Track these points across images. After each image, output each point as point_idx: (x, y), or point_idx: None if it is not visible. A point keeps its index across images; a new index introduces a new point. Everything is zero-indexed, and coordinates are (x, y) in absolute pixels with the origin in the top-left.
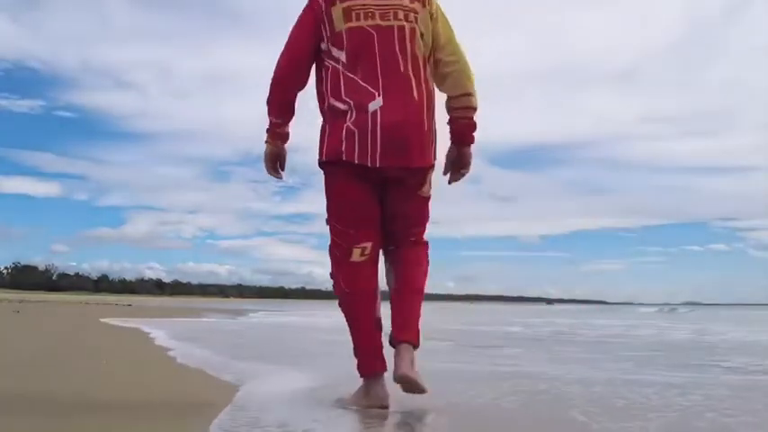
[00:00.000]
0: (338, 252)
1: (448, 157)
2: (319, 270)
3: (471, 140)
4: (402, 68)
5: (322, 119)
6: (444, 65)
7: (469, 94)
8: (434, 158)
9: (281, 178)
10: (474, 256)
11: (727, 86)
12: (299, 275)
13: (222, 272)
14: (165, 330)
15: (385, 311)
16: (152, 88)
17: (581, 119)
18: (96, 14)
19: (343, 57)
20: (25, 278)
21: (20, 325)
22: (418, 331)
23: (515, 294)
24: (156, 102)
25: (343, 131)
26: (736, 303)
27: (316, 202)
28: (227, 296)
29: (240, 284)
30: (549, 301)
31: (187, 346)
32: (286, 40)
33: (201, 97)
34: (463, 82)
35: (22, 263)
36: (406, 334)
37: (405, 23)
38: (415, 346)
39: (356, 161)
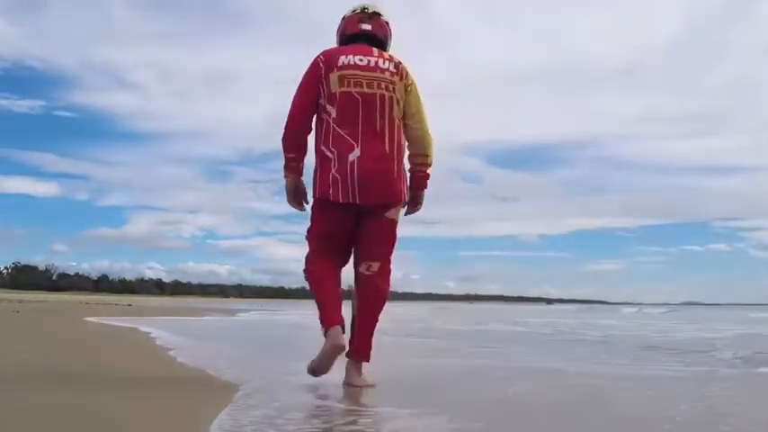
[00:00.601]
0: (311, 259)
1: (410, 193)
2: None
3: (424, 186)
4: (378, 128)
5: (315, 157)
6: (410, 129)
7: (426, 155)
8: (403, 198)
9: (303, 209)
10: (474, 256)
11: (727, 86)
12: (299, 275)
13: (222, 272)
14: (164, 330)
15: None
16: (152, 88)
17: (581, 119)
18: (96, 14)
19: (334, 113)
20: (25, 278)
21: (19, 325)
22: (367, 351)
23: (515, 294)
24: (156, 102)
25: (330, 177)
26: (736, 303)
27: None
28: (227, 296)
29: (240, 284)
30: (549, 301)
31: (187, 345)
32: (295, 92)
33: (201, 97)
34: (422, 145)
35: (22, 263)
36: (357, 356)
37: (385, 93)
38: (365, 359)
39: (340, 201)
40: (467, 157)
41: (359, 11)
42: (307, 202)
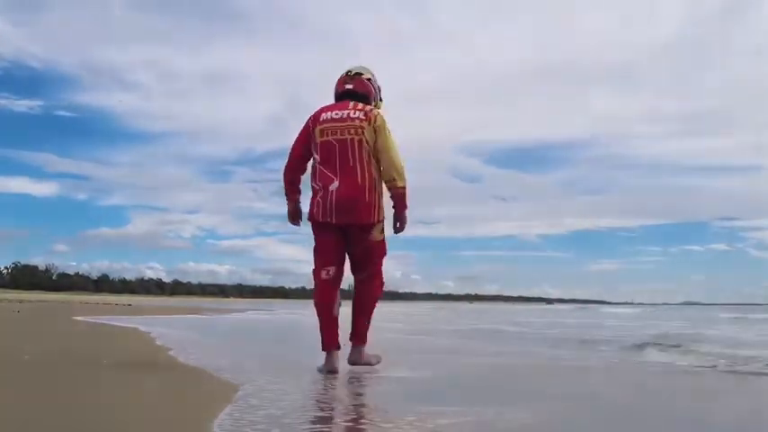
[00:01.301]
0: (315, 272)
1: (393, 216)
2: None
3: (402, 206)
4: (351, 164)
5: (311, 190)
6: (382, 161)
7: (393, 179)
8: (375, 219)
9: (298, 226)
10: (474, 255)
11: (727, 86)
12: (299, 275)
13: (222, 271)
14: (165, 330)
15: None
16: (152, 88)
17: (581, 118)
18: (96, 14)
19: (318, 156)
20: (25, 278)
21: (20, 325)
22: (363, 337)
23: (515, 294)
24: (156, 102)
25: (315, 203)
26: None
27: None
28: (227, 296)
29: (240, 284)
30: (549, 301)
31: (187, 345)
32: (293, 141)
33: (201, 97)
34: (389, 173)
35: (22, 263)
36: (357, 341)
37: (354, 137)
38: (362, 344)
39: (320, 220)
40: (467, 157)
41: (345, 74)
42: (301, 220)
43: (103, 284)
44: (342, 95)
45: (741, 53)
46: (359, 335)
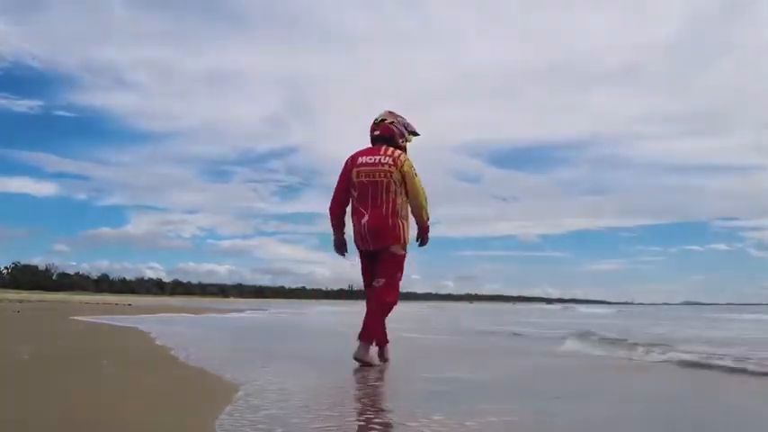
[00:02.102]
0: (364, 286)
1: (417, 235)
2: (320, 269)
3: (426, 232)
4: (380, 201)
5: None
6: (411, 205)
7: (421, 218)
8: (397, 241)
9: (343, 256)
10: (474, 255)
11: (727, 86)
12: (299, 275)
13: (222, 271)
14: (165, 330)
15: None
16: (152, 88)
17: (581, 118)
18: (96, 14)
19: (355, 194)
20: (25, 278)
21: (20, 325)
22: (371, 339)
23: (515, 294)
24: (156, 102)
25: (355, 234)
26: (736, 303)
27: (316, 202)
28: (227, 296)
29: (240, 284)
30: (549, 301)
31: (187, 345)
32: (336, 182)
33: (201, 97)
34: (418, 214)
35: (22, 262)
36: (363, 339)
37: (383, 179)
38: (369, 343)
39: (361, 248)
40: (467, 157)
41: (373, 122)
42: (346, 250)
43: (103, 284)
44: (374, 140)
45: (741, 53)
46: (367, 335)
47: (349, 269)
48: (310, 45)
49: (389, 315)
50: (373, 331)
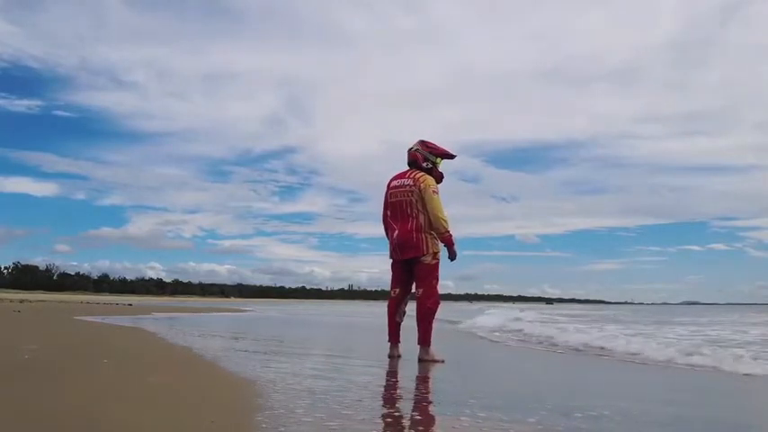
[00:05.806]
0: (391, 292)
1: (446, 249)
2: (319, 269)
3: (450, 244)
4: (405, 217)
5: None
6: (430, 218)
7: (439, 231)
8: (422, 252)
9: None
10: (474, 255)
11: (727, 86)
12: (299, 275)
13: (222, 271)
14: (165, 329)
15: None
16: (151, 88)
17: (581, 118)
18: (95, 14)
19: (389, 212)
20: (26, 278)
21: (20, 325)
22: (424, 339)
23: (515, 294)
24: (155, 102)
25: (389, 246)
26: (736, 303)
27: (315, 202)
28: (227, 296)
29: (240, 284)
30: (549, 301)
31: (189, 344)
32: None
33: (201, 97)
34: (436, 227)
35: (23, 263)
36: (420, 343)
37: (408, 198)
38: (425, 345)
39: (392, 258)
40: (466, 157)
41: (408, 150)
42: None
43: (104, 284)
44: (408, 164)
45: (741, 53)
46: (421, 338)
47: (350, 269)
48: (310, 45)
49: (436, 314)
50: (426, 334)
